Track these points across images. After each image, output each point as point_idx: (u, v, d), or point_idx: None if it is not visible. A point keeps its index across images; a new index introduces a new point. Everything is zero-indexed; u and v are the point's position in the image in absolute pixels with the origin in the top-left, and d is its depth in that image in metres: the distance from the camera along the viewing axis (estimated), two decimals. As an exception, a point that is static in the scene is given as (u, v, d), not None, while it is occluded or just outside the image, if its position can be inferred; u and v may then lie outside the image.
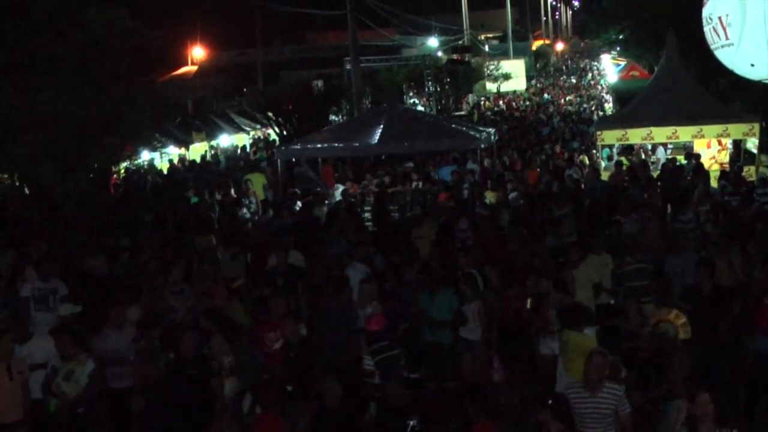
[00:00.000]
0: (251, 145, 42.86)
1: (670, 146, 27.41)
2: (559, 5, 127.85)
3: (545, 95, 70.41)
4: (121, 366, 11.38)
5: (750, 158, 25.62)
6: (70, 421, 10.43)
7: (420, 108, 48.34)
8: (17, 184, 18.53)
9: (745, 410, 11.22)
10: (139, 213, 21.00)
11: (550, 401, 8.41)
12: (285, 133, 35.93)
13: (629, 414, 8.97)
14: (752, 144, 25.79)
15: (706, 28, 19.63)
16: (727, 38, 18.86)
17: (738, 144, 26.01)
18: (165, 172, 32.93)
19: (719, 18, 19.33)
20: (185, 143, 38.30)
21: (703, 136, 25.47)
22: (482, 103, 64.72)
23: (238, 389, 11.30)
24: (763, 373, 11.23)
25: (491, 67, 69.19)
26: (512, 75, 71.35)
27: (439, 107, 49.77)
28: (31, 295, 13.42)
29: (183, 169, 33.01)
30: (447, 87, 53.46)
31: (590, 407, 8.80)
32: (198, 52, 56.74)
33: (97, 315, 12.54)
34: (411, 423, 9.39)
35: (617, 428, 8.89)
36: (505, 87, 70.69)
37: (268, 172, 28.00)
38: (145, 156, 34.44)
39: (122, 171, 22.72)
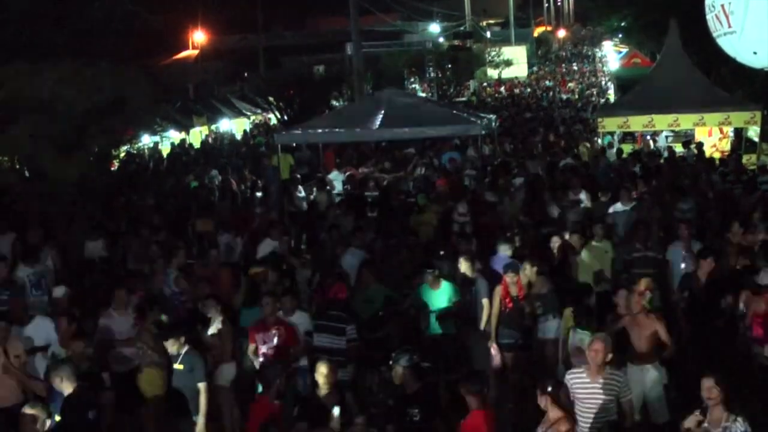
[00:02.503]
0: (251, 130, 42.86)
1: (667, 134, 27.32)
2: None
3: (546, 81, 70.22)
4: (124, 348, 11.39)
5: (751, 146, 25.57)
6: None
7: (421, 94, 48.26)
8: (17, 167, 18.51)
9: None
10: (140, 197, 21.01)
11: (549, 387, 8.37)
12: (286, 118, 35.88)
13: (630, 400, 8.97)
14: (754, 132, 25.73)
15: (709, 16, 19.57)
16: (729, 26, 18.82)
17: (739, 132, 25.96)
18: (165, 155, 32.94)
19: (722, 5, 19.28)
20: (186, 127, 38.29)
21: (704, 124, 25.42)
22: (484, 89, 64.58)
23: (236, 375, 11.33)
24: None
25: (492, 53, 69.01)
26: (514, 61, 71.18)
27: (440, 93, 49.69)
28: (27, 280, 13.42)
29: (183, 153, 33.03)
30: (448, 73, 53.36)
31: (591, 393, 8.79)
32: (199, 37, 56.47)
33: (96, 297, 12.58)
34: (412, 412, 9.37)
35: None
36: (507, 73, 70.50)
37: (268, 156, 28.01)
38: (145, 140, 34.42)
39: (122, 155, 22.68)
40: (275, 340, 10.98)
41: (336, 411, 9.10)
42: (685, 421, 7.97)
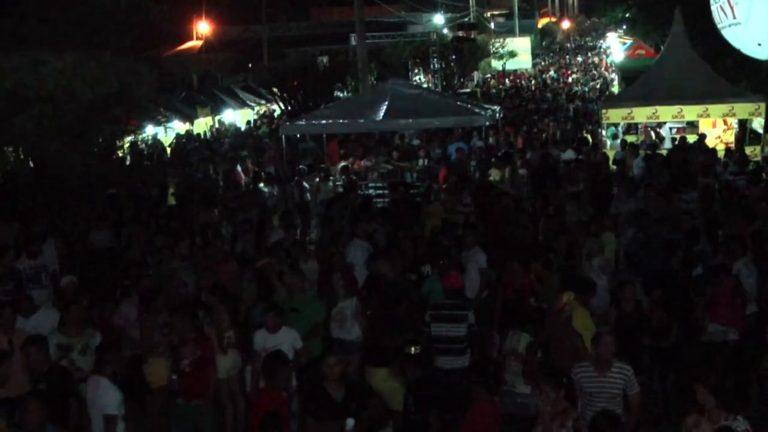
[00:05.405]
0: (255, 121, 42.85)
1: (670, 126, 27.26)
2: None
3: (551, 73, 70.10)
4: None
5: (756, 138, 25.57)
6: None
7: (425, 85, 48.17)
8: (22, 157, 18.54)
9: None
10: (144, 187, 21.04)
11: (564, 379, 8.40)
12: (290, 108, 35.88)
13: (637, 394, 8.97)
14: (758, 124, 25.72)
15: (713, 7, 19.55)
16: (734, 17, 18.81)
17: (744, 123, 25.94)
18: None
19: (727, -4, 19.24)
20: (190, 118, 38.31)
21: (708, 116, 25.40)
22: (488, 80, 64.44)
23: (239, 364, 11.31)
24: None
25: (497, 44, 68.80)
26: (518, 53, 71.00)
27: (444, 84, 49.56)
28: (24, 274, 13.42)
29: (188, 144, 33.06)
30: (452, 64, 53.21)
31: (598, 386, 8.79)
32: (203, 27, 56.47)
33: (103, 287, 12.62)
34: (408, 402, 9.40)
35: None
36: (511, 65, 70.33)
37: (272, 147, 28.04)
38: (149, 131, 34.42)
39: (126, 145, 22.70)
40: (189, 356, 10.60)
41: (350, 423, 8.90)
42: (687, 419, 8.03)
